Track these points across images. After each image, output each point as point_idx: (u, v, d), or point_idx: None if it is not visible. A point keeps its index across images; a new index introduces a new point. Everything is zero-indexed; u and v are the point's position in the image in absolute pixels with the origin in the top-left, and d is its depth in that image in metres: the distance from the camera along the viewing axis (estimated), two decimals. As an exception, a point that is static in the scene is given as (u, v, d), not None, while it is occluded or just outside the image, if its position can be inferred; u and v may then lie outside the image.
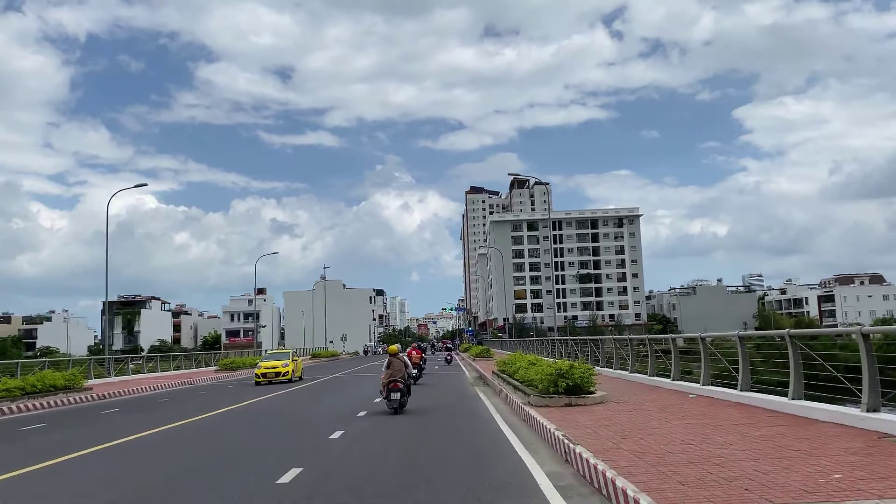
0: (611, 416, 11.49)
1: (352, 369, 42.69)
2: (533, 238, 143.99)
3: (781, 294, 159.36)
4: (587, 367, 14.31)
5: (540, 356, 26.04)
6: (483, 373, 27.79)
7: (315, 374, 36.64)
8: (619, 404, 13.21)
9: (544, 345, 40.28)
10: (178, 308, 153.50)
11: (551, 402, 13.42)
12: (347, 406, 18.23)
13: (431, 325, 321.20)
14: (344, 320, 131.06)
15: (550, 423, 10.45)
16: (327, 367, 47.71)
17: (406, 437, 11.96)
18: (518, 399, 15.27)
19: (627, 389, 16.59)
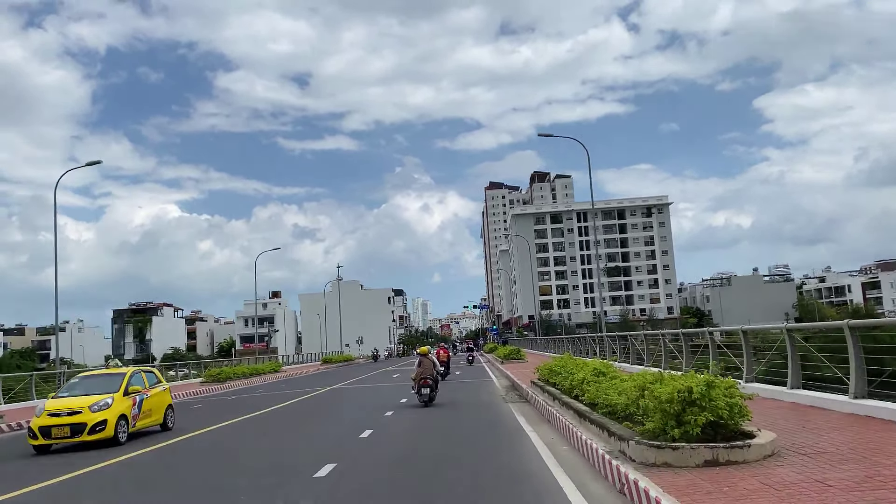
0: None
1: (358, 378, 36.05)
2: (557, 231, 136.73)
3: (820, 282, 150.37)
4: (729, 382, 7.47)
5: (578, 357, 19.37)
6: (517, 381, 21.09)
7: (285, 392, 28.53)
8: (803, 459, 6.54)
9: (577, 343, 34.57)
10: (194, 315, 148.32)
11: (678, 458, 6.68)
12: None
13: (454, 325, 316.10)
14: (362, 323, 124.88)
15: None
16: (330, 376, 41.21)
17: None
18: (598, 441, 8.50)
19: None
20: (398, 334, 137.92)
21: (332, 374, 43.97)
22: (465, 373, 34.46)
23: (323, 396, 24.44)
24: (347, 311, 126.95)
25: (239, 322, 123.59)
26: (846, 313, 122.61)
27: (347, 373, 42.95)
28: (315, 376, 41.16)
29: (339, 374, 41.54)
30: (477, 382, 26.65)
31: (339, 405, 20.89)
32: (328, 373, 46.06)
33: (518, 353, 35.95)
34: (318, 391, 26.74)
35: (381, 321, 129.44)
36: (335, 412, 18.78)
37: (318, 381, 34.72)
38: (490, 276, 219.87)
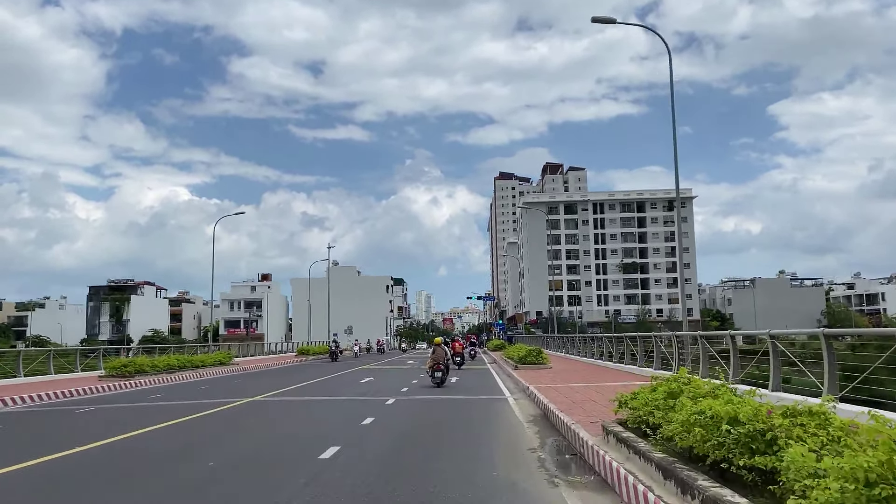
0: None
1: (299, 383, 25.85)
2: (571, 223, 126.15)
3: (849, 289, 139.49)
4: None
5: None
6: (565, 420, 10.73)
7: (176, 405, 19.75)
8: None
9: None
10: (180, 296, 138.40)
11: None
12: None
13: (457, 319, 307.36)
14: (357, 311, 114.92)
15: None
16: (285, 375, 31.11)
17: None
18: None
19: None
20: (396, 326, 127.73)
21: (293, 371, 33.78)
22: (464, 377, 24.25)
23: (206, 423, 14.11)
24: (342, 299, 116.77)
25: (224, 305, 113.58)
26: (884, 323, 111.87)
27: (305, 371, 32.71)
28: (265, 374, 31.01)
29: (296, 374, 31.31)
30: (481, 403, 16.34)
31: (191, 454, 10.58)
32: (291, 369, 35.83)
33: (539, 355, 25.61)
34: (228, 405, 16.46)
35: (378, 311, 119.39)
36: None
37: (255, 384, 24.49)
38: (496, 269, 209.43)
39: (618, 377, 20.41)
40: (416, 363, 39.88)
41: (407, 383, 22.91)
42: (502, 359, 34.31)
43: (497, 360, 36.54)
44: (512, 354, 28.76)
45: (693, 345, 16.41)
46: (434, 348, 21.28)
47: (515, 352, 28.63)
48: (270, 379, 27.01)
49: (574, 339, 39.96)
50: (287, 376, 28.60)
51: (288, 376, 28.58)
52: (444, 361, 20.49)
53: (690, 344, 16.67)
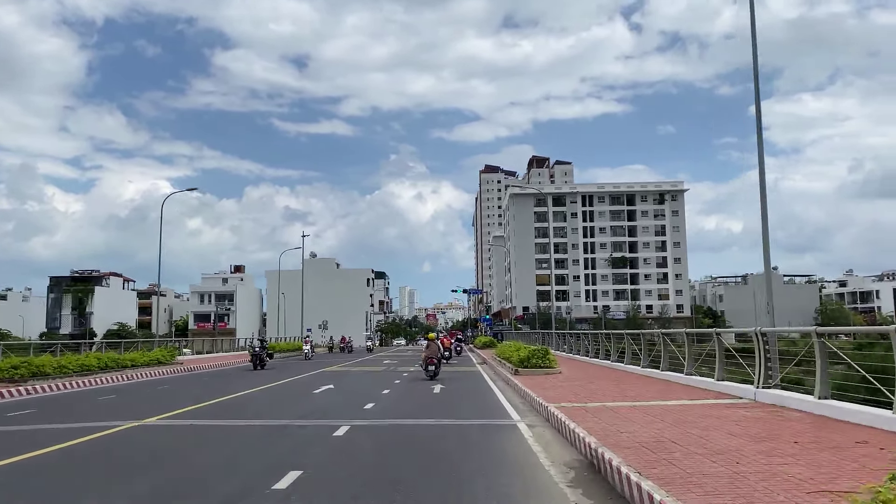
0: None
1: (211, 399, 20.14)
2: (559, 215, 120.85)
3: (841, 286, 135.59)
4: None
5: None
6: (626, 473, 5.16)
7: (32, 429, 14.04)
8: None
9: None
10: (150, 288, 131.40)
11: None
12: None
13: (440, 315, 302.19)
14: (336, 306, 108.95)
15: None
16: (216, 381, 25.50)
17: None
18: None
19: None
20: (376, 321, 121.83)
21: (242, 375, 28.10)
22: (452, 384, 18.63)
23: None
24: (319, 292, 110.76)
25: (194, 298, 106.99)
26: (878, 321, 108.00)
27: (255, 375, 26.94)
28: (204, 378, 25.28)
29: (242, 378, 25.62)
30: (480, 435, 10.78)
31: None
32: (242, 371, 30.02)
33: (546, 356, 20.04)
34: (93, 434, 10.72)
35: (358, 305, 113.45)
36: None
37: (177, 394, 18.81)
38: (480, 264, 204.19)
39: (647, 386, 15.22)
40: (394, 364, 34.22)
41: (376, 394, 17.33)
42: (494, 359, 28.79)
43: (488, 361, 31.01)
44: (509, 354, 23.25)
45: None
46: (428, 343, 22.91)
47: (513, 351, 23.14)
48: (204, 386, 21.31)
49: (569, 335, 34.62)
50: (228, 382, 22.87)
51: (229, 382, 22.84)
52: (437, 356, 22.40)
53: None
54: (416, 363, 33.70)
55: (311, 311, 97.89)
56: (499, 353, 28.30)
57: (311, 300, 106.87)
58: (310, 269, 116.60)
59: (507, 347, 27.08)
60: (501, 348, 28.83)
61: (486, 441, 9.84)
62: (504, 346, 29.92)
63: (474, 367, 30.03)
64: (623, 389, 14.77)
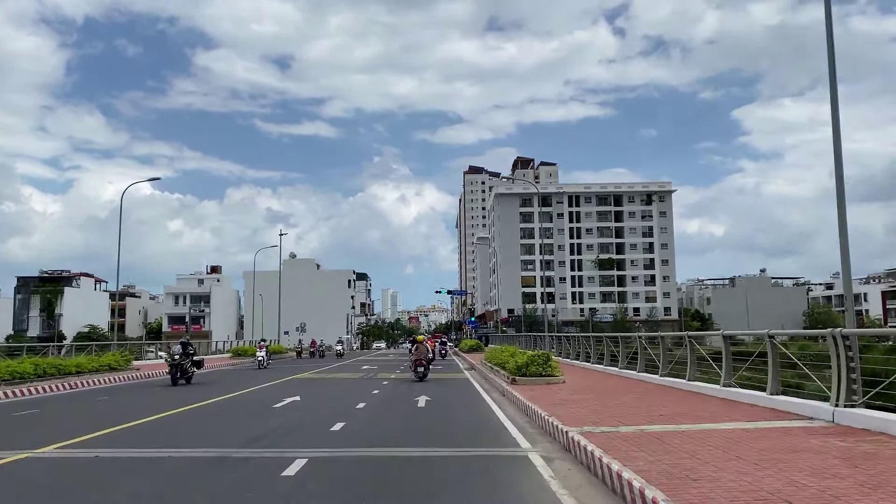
0: None
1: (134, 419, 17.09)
2: (545, 216, 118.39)
3: (828, 289, 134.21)
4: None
5: None
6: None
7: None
8: None
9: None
10: (125, 289, 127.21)
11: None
12: None
13: (423, 318, 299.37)
14: (315, 308, 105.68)
15: None
16: (179, 389, 22.49)
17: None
18: None
19: None
20: (358, 323, 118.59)
21: (200, 383, 25.11)
22: (437, 395, 15.80)
23: None
24: (299, 294, 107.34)
25: (168, 300, 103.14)
26: (866, 324, 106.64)
27: (213, 383, 23.96)
28: (154, 389, 22.20)
29: (198, 387, 22.66)
30: (480, 476, 7.91)
31: None
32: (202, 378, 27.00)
33: (547, 363, 17.24)
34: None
35: (339, 307, 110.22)
36: None
37: (117, 409, 15.96)
38: (464, 266, 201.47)
39: (678, 401, 12.58)
40: (374, 370, 31.33)
41: (349, 409, 14.45)
42: (484, 364, 26.01)
43: (476, 366, 28.19)
44: (503, 360, 20.49)
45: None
46: (417, 346, 23.14)
47: (507, 357, 20.39)
48: (151, 397, 18.35)
49: (564, 339, 31.99)
50: (180, 392, 19.88)
51: (181, 392, 19.86)
52: (427, 357, 22.85)
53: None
54: (398, 369, 30.84)
55: (291, 314, 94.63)
56: (489, 358, 25.51)
57: (291, 302, 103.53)
58: (289, 270, 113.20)
59: (499, 352, 24.29)
60: (492, 353, 26.05)
61: (492, 486, 7.04)
62: (495, 350, 27.17)
63: (462, 373, 27.22)
64: (650, 405, 12.04)
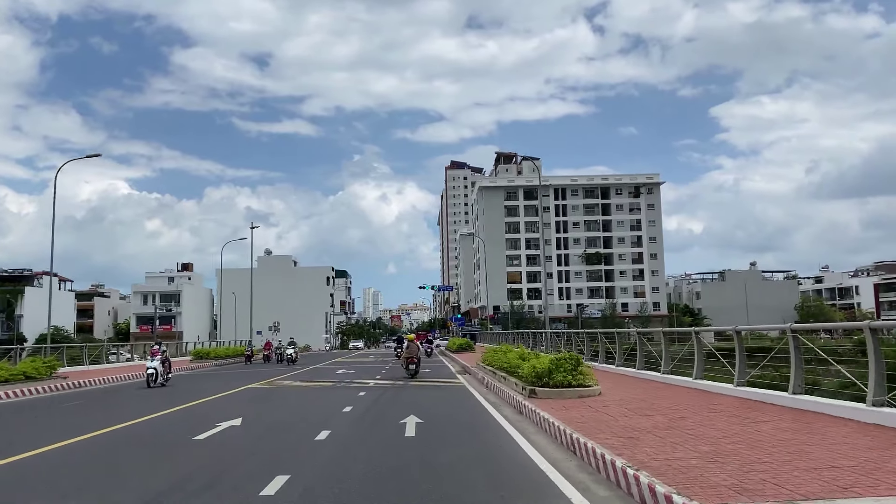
0: None
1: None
2: (531, 209, 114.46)
3: (817, 283, 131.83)
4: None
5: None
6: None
7: None
8: None
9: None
10: (92, 289, 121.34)
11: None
12: None
13: (405, 316, 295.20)
14: (292, 306, 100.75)
15: None
16: (106, 405, 17.76)
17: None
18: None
19: None
20: (337, 322, 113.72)
21: (140, 396, 20.45)
22: (430, 418, 11.33)
23: None
24: (275, 292, 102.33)
25: (136, 299, 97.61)
26: (857, 318, 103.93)
27: (150, 398, 19.26)
28: (61, 404, 17.55)
29: (131, 403, 17.99)
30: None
31: None
32: (145, 391, 22.32)
33: (577, 369, 12.87)
34: None
35: (318, 306, 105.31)
36: None
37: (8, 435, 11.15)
38: (447, 263, 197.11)
39: (783, 423, 8.12)
40: (350, 376, 26.82)
41: (306, 441, 9.89)
42: (481, 367, 21.65)
43: (471, 370, 23.82)
44: (509, 363, 16.14)
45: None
46: (408, 344, 23.59)
47: (514, 358, 16.07)
48: (62, 415, 13.78)
49: (575, 336, 27.79)
50: (88, 412, 15.27)
51: (89, 412, 15.25)
52: (417, 355, 23.22)
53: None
54: (378, 373, 26.43)
55: (267, 313, 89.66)
56: (488, 360, 21.12)
57: (266, 301, 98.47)
58: (264, 267, 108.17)
59: (500, 353, 19.91)
60: (491, 354, 21.67)
61: None
62: (494, 350, 22.75)
63: (455, 378, 22.84)
64: (760, 432, 7.71)
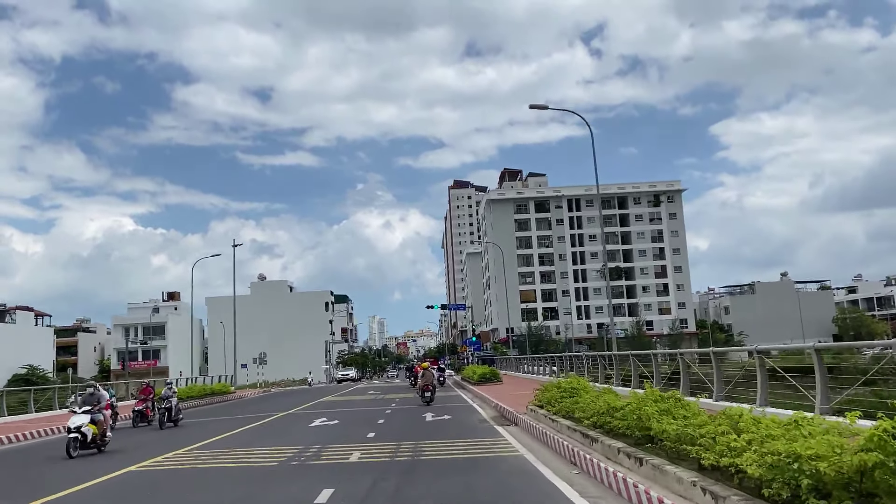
0: None
1: None
2: (543, 223, 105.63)
3: (850, 293, 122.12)
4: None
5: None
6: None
7: None
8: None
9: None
10: (77, 324, 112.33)
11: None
12: None
13: (411, 343, 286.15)
14: (289, 335, 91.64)
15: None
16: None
17: None
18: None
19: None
20: (338, 351, 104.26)
21: (24, 464, 10.94)
22: None
23: None
24: (270, 320, 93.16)
25: (116, 332, 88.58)
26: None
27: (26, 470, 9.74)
28: None
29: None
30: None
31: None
32: (43, 455, 13.13)
33: None
34: None
35: (316, 334, 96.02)
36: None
37: None
38: (452, 285, 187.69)
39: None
40: (328, 430, 17.72)
41: None
42: (548, 420, 12.58)
43: (517, 418, 14.69)
44: (651, 423, 7.17)
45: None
46: (423, 372, 24.46)
47: (665, 413, 7.16)
48: None
49: (637, 359, 18.61)
50: None
51: None
52: (433, 383, 23.95)
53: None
54: (372, 427, 17.03)
55: (260, 343, 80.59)
56: (558, 405, 12.13)
57: (260, 330, 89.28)
58: (258, 294, 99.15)
59: (572, 390, 10.99)
60: (554, 393, 12.72)
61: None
62: (557, 388, 13.66)
63: (497, 438, 13.57)
64: None
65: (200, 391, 35.27)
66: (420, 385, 24.11)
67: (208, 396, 36.24)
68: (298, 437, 15.64)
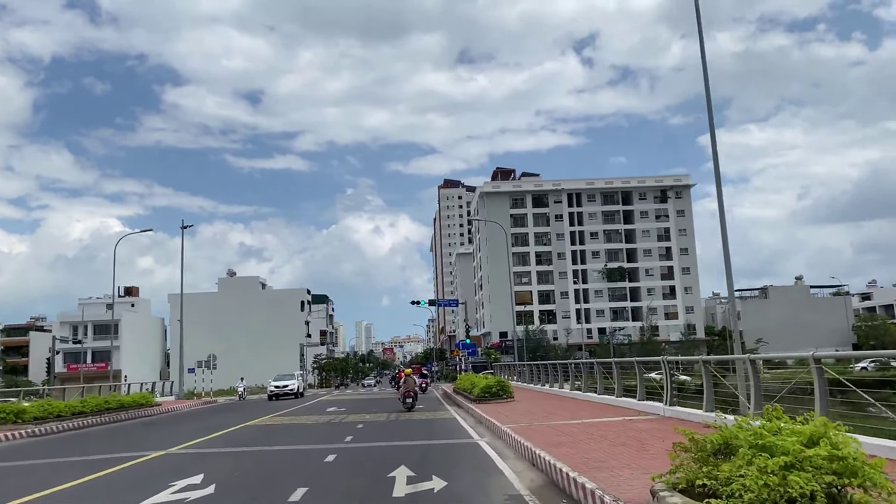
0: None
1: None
2: (541, 218, 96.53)
3: (864, 299, 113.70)
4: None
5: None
6: None
7: None
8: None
9: None
10: (30, 323, 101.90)
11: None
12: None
13: (398, 349, 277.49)
14: (260, 337, 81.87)
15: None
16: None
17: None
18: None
19: None
20: (314, 355, 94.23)
21: None
22: None
23: None
24: (239, 320, 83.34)
25: (64, 330, 78.46)
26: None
27: None
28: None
29: None
30: None
31: None
32: None
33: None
34: None
35: (290, 336, 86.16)
36: None
37: None
38: (441, 288, 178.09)
39: None
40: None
41: None
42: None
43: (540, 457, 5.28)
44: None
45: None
46: (405, 378, 24.64)
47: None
48: None
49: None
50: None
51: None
52: (414, 389, 24.17)
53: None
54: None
55: (227, 346, 70.96)
56: None
57: (226, 330, 79.51)
58: (226, 290, 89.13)
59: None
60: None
61: None
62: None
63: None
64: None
65: (98, 405, 25.42)
66: (402, 392, 24.45)
67: (115, 412, 26.48)
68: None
